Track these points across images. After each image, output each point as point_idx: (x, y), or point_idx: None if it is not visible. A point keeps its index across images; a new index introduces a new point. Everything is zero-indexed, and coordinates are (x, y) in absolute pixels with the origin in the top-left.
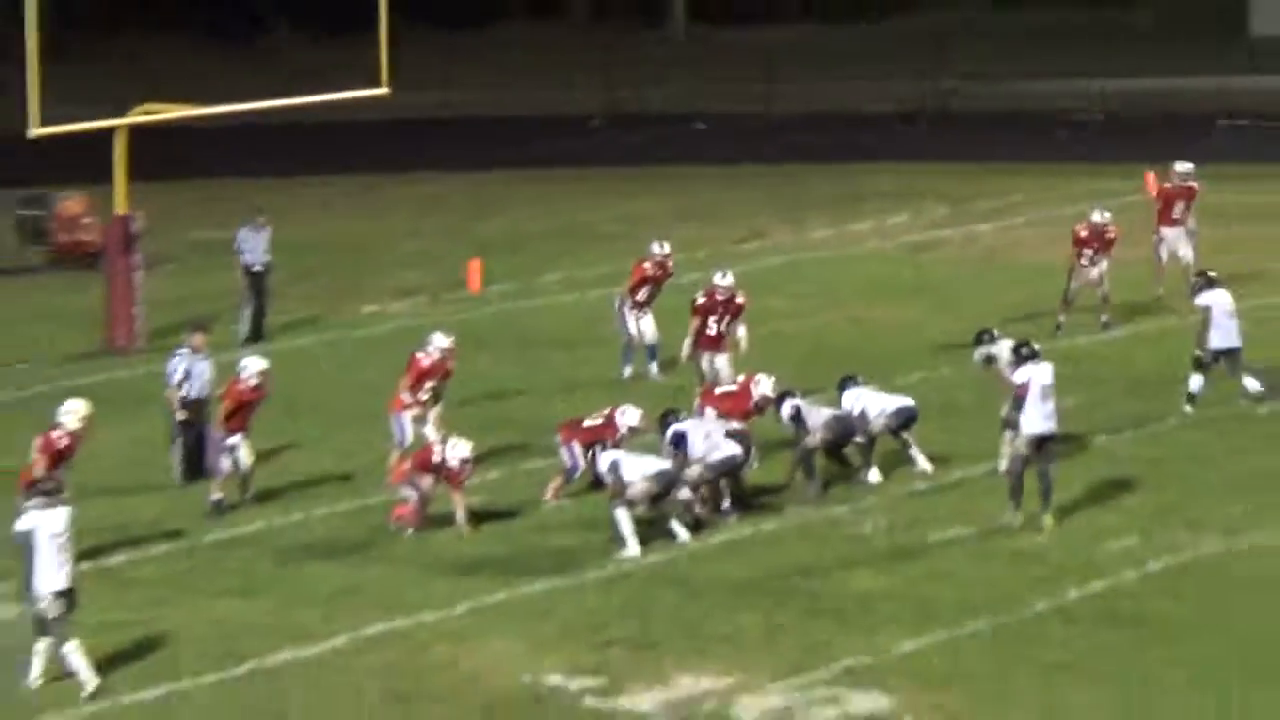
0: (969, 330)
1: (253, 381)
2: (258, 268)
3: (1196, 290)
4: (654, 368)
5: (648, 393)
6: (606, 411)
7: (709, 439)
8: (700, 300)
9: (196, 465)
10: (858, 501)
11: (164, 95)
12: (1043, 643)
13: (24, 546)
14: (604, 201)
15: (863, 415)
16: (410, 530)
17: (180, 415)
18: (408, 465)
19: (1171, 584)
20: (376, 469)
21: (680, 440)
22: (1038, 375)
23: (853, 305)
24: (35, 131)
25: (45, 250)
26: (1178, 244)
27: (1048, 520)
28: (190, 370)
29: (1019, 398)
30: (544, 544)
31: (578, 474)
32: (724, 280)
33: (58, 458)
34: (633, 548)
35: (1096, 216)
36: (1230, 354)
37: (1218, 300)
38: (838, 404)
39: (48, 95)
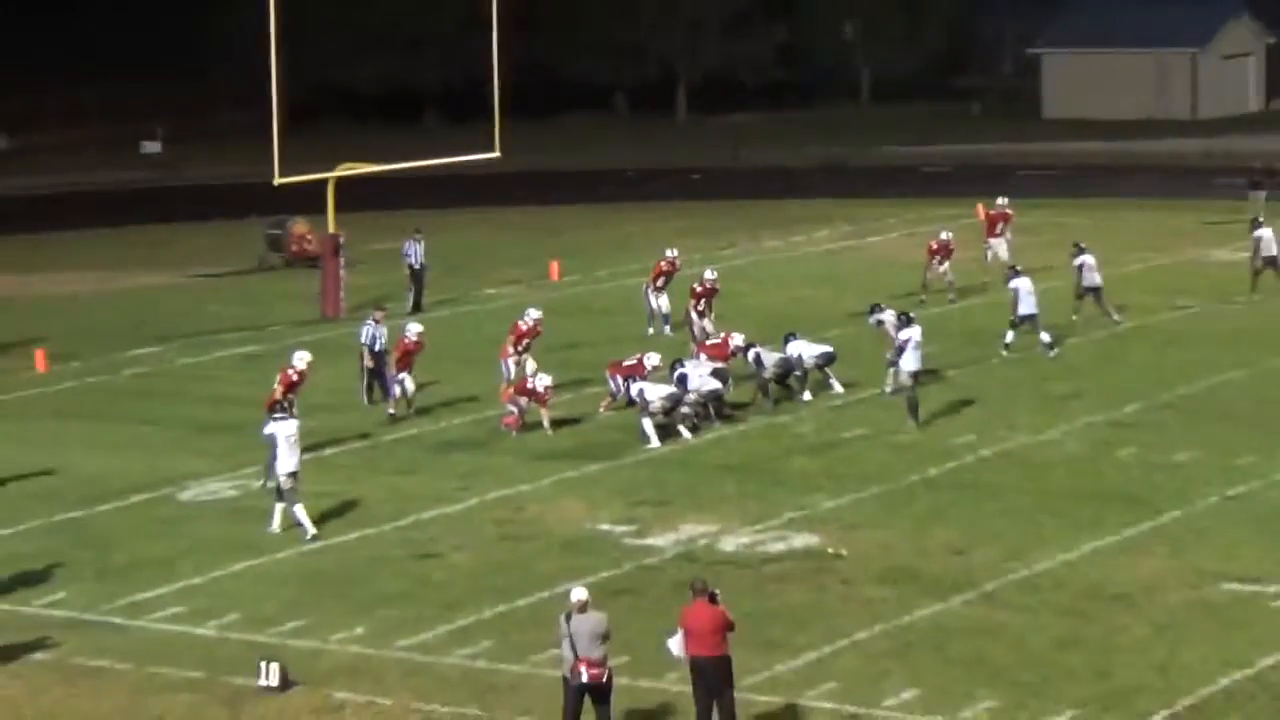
0: (866, 304)
1: (413, 338)
2: (417, 267)
3: (1009, 278)
4: (667, 329)
5: (663, 345)
6: (638, 356)
7: (701, 376)
8: (697, 288)
9: (379, 392)
10: (797, 412)
11: (357, 158)
12: (914, 500)
13: (268, 445)
14: (634, 224)
15: (799, 358)
16: (514, 433)
17: (368, 363)
18: (511, 391)
19: (996, 463)
20: (492, 394)
21: (683, 379)
22: (913, 334)
23: (793, 288)
24: (278, 181)
25: (283, 256)
26: (999, 248)
27: (913, 425)
28: (374, 334)
29: (899, 348)
30: (598, 440)
31: (619, 396)
32: (711, 275)
33: (290, 387)
34: (655, 443)
35: (943, 235)
36: (1032, 318)
37: (1023, 284)
38: (783, 350)
39: (285, 158)
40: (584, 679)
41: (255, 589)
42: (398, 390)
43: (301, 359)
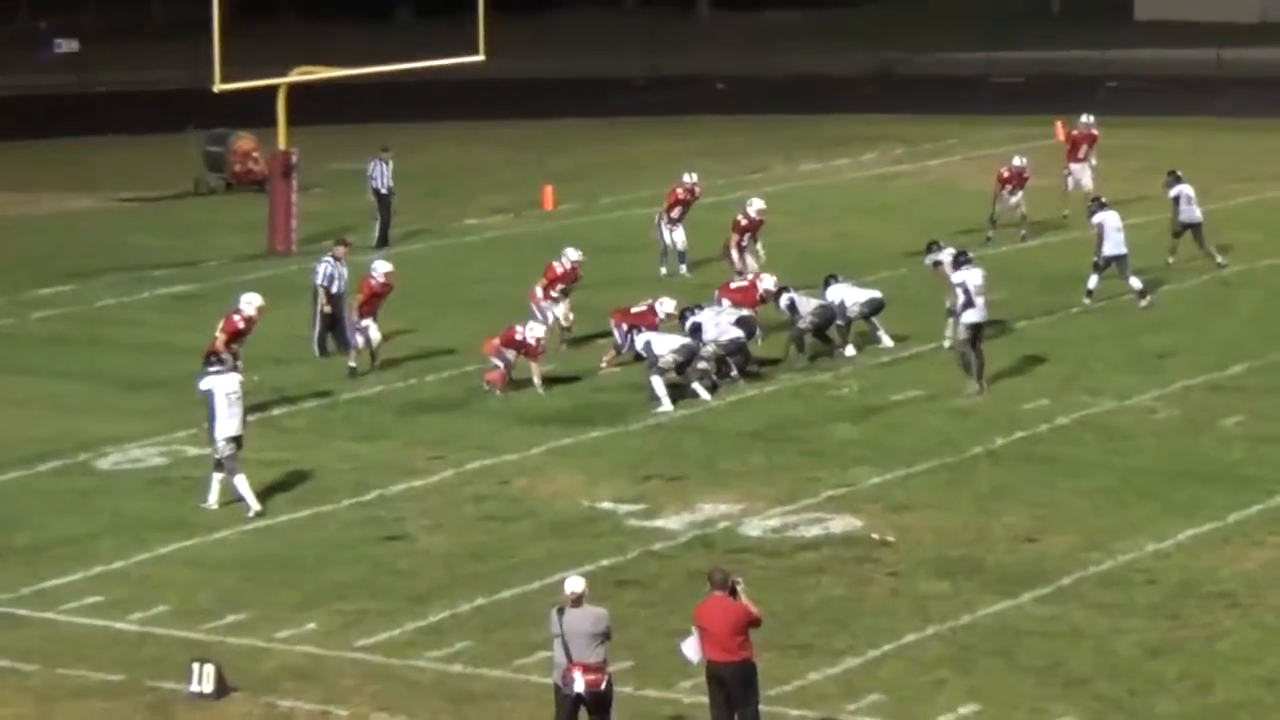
0: (921, 241)
1: (380, 278)
2: (384, 191)
3: (1092, 212)
4: (684, 268)
5: (679, 287)
6: (648, 302)
7: (719, 325)
8: (742, 220)
9: (335, 342)
10: (837, 370)
11: (314, 61)
12: (976, 477)
13: (205, 403)
14: (645, 143)
15: (841, 305)
16: (498, 392)
17: (324, 307)
18: (496, 340)
19: (1074, 434)
20: (473, 344)
21: (696, 329)
22: (971, 277)
23: (836, 221)
24: (218, 87)
25: (224, 178)
26: (1081, 176)
27: (977, 387)
28: (332, 273)
29: (958, 293)
30: (599, 401)
31: (625, 350)
32: (758, 205)
33: (235, 336)
34: (666, 404)
35: (1016, 161)
36: (1119, 260)
37: (1109, 219)
38: (823, 295)
39: (227, 61)
40: (579, 687)
41: (187, 576)
42: (360, 340)
43: (250, 303)
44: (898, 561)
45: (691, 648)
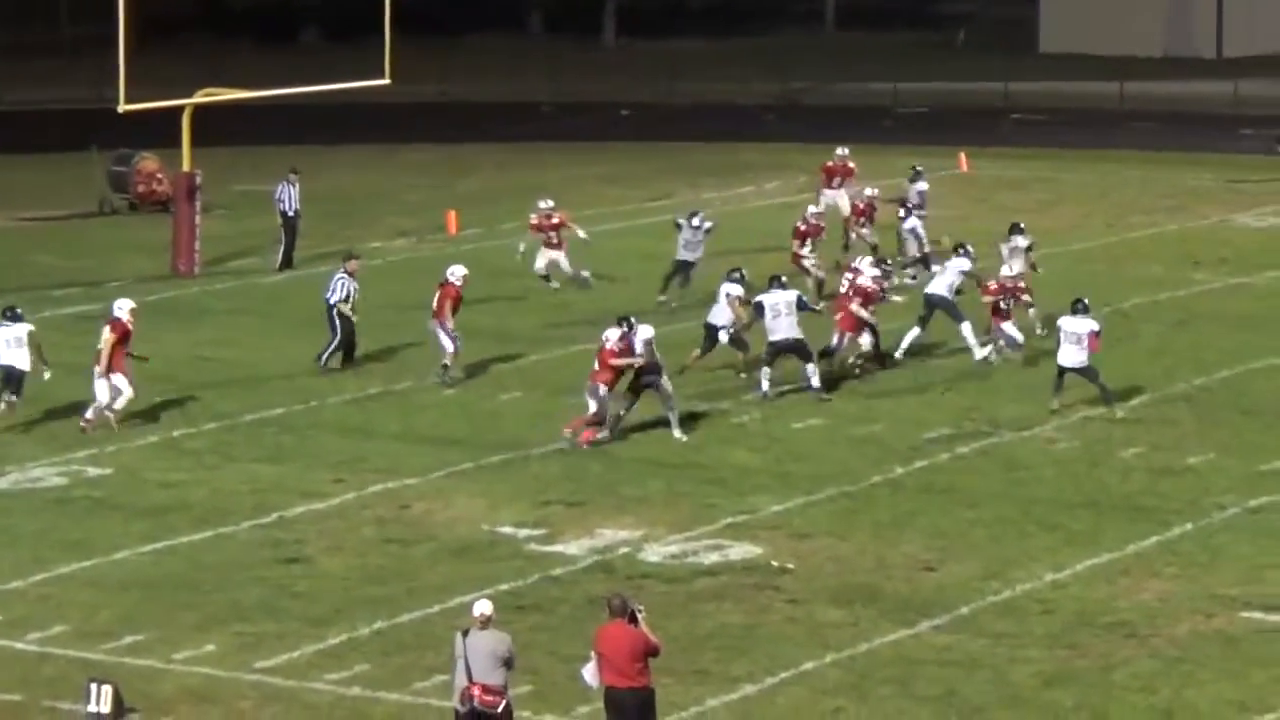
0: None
1: (458, 281)
2: (290, 214)
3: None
4: (554, 285)
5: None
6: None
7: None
8: (801, 226)
9: (343, 360)
10: (738, 397)
11: (220, 82)
12: (876, 506)
13: None
14: (550, 168)
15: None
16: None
17: (354, 316)
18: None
19: (974, 463)
20: (372, 368)
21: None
22: (772, 300)
23: (736, 249)
24: (124, 107)
25: (128, 198)
26: (839, 200)
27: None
28: (349, 289)
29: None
30: (500, 425)
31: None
32: (814, 210)
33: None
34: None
35: (868, 192)
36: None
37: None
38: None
39: (133, 81)
40: (475, 704)
41: (86, 596)
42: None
43: (125, 307)
44: (797, 589)
45: (591, 673)
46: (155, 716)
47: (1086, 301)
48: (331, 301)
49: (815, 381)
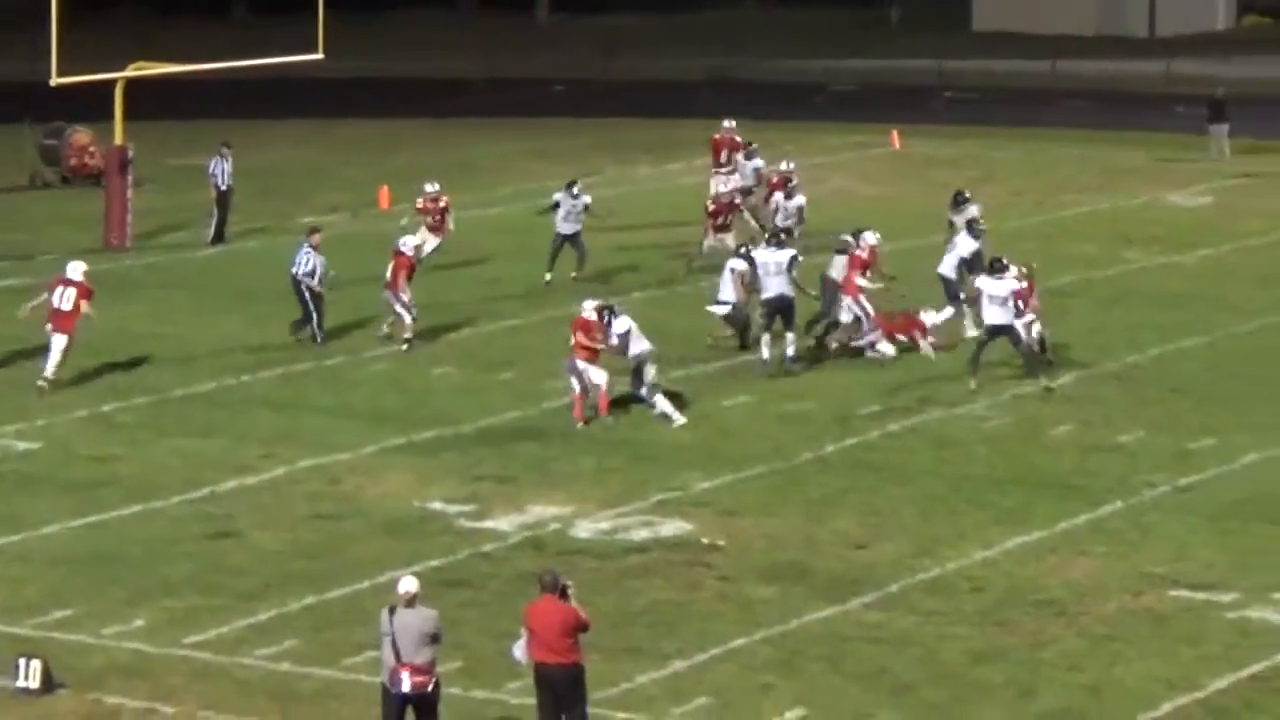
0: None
1: (409, 251)
2: (223, 188)
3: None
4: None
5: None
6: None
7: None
8: (862, 255)
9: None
10: (669, 374)
11: (153, 56)
12: (806, 483)
13: None
14: (482, 144)
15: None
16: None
17: (321, 290)
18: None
19: (905, 441)
20: (302, 341)
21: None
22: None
23: (667, 224)
24: (55, 80)
25: (59, 171)
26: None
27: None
28: (314, 262)
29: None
30: (431, 401)
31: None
32: (873, 239)
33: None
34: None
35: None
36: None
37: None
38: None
39: (65, 54)
40: (405, 687)
41: (13, 570)
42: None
43: (78, 268)
44: (727, 566)
45: (521, 649)
46: (84, 691)
47: (1005, 260)
48: (297, 275)
49: (791, 350)
